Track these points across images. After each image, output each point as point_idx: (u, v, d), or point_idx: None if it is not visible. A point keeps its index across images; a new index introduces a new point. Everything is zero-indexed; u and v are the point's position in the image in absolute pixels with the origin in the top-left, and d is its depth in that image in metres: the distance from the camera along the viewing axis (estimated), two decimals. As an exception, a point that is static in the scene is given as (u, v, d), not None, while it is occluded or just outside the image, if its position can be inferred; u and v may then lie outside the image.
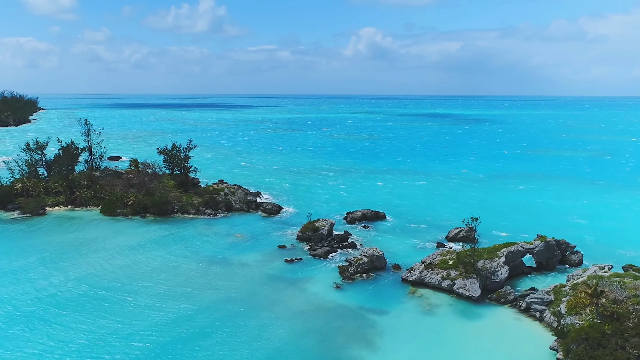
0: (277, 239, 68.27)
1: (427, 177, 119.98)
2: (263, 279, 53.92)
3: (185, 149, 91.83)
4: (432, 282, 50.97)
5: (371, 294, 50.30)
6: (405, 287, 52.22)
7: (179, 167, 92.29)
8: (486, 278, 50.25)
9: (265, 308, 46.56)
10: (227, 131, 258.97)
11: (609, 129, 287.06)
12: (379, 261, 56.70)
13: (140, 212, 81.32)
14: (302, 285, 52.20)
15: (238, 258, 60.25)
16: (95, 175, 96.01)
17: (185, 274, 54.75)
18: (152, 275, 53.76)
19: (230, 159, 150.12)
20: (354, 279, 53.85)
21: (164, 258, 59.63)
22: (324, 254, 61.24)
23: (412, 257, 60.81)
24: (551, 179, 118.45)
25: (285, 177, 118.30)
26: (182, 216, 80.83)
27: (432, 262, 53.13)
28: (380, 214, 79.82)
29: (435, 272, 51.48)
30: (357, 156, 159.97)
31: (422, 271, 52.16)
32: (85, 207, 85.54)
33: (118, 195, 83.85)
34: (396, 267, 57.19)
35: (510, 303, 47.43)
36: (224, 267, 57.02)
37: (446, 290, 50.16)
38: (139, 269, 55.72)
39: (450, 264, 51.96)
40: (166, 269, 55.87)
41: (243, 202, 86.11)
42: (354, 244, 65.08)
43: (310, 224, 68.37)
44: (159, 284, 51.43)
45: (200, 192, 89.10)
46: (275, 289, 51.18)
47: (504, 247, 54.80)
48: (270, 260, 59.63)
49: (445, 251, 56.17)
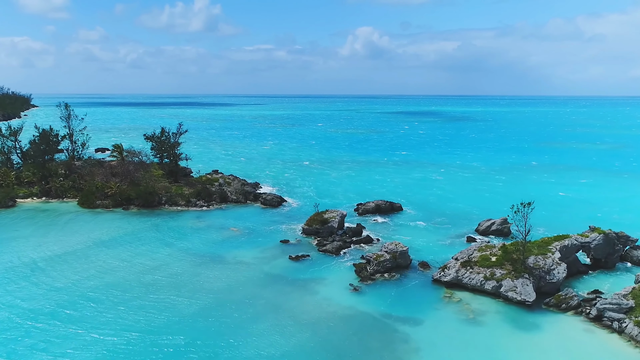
0: (279, 233, 58.66)
1: (438, 168, 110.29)
2: (263, 279, 44.28)
3: (175, 134, 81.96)
4: (472, 283, 41.35)
5: (397, 299, 40.68)
6: (438, 289, 42.60)
7: (168, 155, 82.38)
8: (540, 278, 40.66)
9: (266, 317, 36.93)
10: (224, 126, 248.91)
11: (616, 124, 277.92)
12: (403, 258, 47.06)
13: (122, 203, 71.57)
14: (311, 288, 42.56)
15: (233, 255, 50.59)
16: (76, 164, 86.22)
17: (169, 274, 44.98)
18: (125, 278, 43.99)
19: (226, 151, 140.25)
20: (373, 279, 44.24)
21: (143, 256, 49.86)
22: (336, 249, 51.61)
23: (439, 253, 51.33)
24: (575, 170, 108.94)
25: (285, 169, 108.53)
26: (171, 208, 71.06)
27: (470, 259, 43.52)
28: (396, 205, 70.22)
29: (476, 271, 41.87)
30: (361, 149, 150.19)
31: (458, 270, 42.53)
32: (62, 199, 75.78)
33: (98, 185, 74.02)
34: (424, 265, 47.53)
35: (573, 309, 37.83)
36: (217, 266, 47.33)
37: (490, 294, 40.57)
38: (112, 269, 45.94)
39: (493, 261, 42.36)
40: (145, 269, 46.09)
41: (240, 193, 76.40)
42: (370, 239, 55.42)
43: (318, 215, 58.75)
44: (133, 288, 41.62)
45: (192, 182, 79.34)
46: (278, 292, 41.53)
47: (555, 241, 45.21)
48: (271, 258, 50.01)
49: (484, 245, 46.54)
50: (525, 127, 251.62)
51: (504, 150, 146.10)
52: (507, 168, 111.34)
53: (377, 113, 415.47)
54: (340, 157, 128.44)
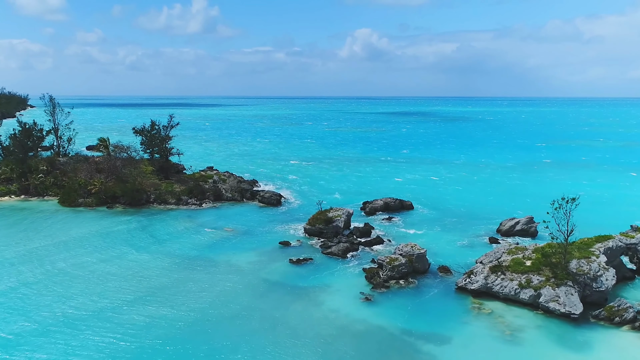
0: (278, 233, 52.60)
1: (446, 166, 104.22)
2: (260, 288, 38.20)
3: (166, 127, 75.81)
4: (504, 292, 35.27)
5: (417, 310, 34.58)
6: (464, 298, 36.52)
7: (159, 150, 76.19)
8: (584, 286, 34.59)
9: (263, 334, 30.85)
10: (222, 125, 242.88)
11: (621, 123, 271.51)
12: (420, 262, 40.99)
13: (107, 201, 65.54)
14: (315, 297, 36.48)
15: (226, 259, 44.51)
16: (60, 160, 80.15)
17: (149, 283, 38.86)
18: (94, 288, 37.84)
19: (223, 149, 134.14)
20: (387, 286, 38.16)
21: (121, 260, 43.75)
22: (342, 252, 45.54)
23: (459, 257, 45.30)
24: (591, 167, 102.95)
25: (285, 167, 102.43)
26: (160, 207, 64.97)
27: (500, 263, 37.44)
28: (407, 203, 64.16)
29: (508, 278, 35.78)
30: (363, 147, 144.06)
31: (487, 276, 36.44)
32: (43, 197, 69.75)
33: (81, 182, 67.94)
34: (444, 269, 41.45)
35: (629, 324, 31.76)
36: (206, 272, 41.24)
37: (527, 304, 34.49)
38: (78, 277, 39.71)
39: (528, 266, 36.28)
40: (122, 277, 39.95)
41: (236, 190, 70.31)
42: (381, 239, 49.30)
43: (321, 214, 52.67)
44: (102, 301, 35.40)
45: (184, 179, 73.23)
46: (277, 302, 35.45)
47: (597, 242, 39.14)
48: (269, 261, 43.95)
49: (514, 247, 40.46)
50: (530, 126, 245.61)
51: (513, 148, 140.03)
52: (520, 165, 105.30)
53: (377, 113, 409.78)
54: (342, 155, 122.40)
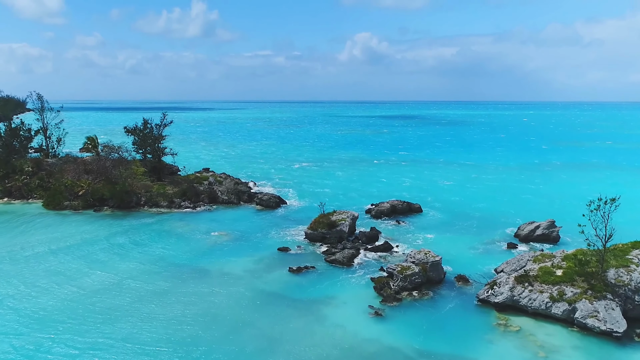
0: (276, 238, 48.37)
1: (454, 167, 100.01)
2: (255, 300, 33.96)
3: (159, 125, 71.67)
4: (533, 305, 31.00)
5: (434, 327, 30.30)
6: (486, 312, 32.25)
7: (151, 150, 72.02)
8: (625, 299, 30.34)
9: (259, 356, 26.61)
10: (221, 127, 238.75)
11: (626, 125, 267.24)
12: (435, 270, 36.75)
13: (94, 204, 61.37)
14: (318, 311, 32.23)
15: (219, 266, 40.29)
16: (48, 161, 76.06)
17: (132, 295, 34.62)
18: (69, 300, 33.64)
19: (221, 151, 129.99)
20: (399, 299, 33.91)
21: (103, 269, 39.51)
22: (347, 259, 41.32)
23: (475, 264, 41.05)
24: (604, 168, 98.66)
25: (285, 169, 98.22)
26: (150, 210, 60.78)
27: (526, 272, 33.17)
28: (415, 206, 59.94)
29: (538, 289, 31.53)
30: (365, 148, 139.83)
31: (513, 287, 32.17)
32: (27, 200, 65.63)
33: (67, 183, 63.78)
34: (462, 279, 37.20)
35: (681, 344, 27.54)
36: (196, 281, 37.01)
37: (560, 320, 30.24)
38: (50, 288, 35.53)
39: (559, 276, 32.03)
40: (100, 287, 35.73)
41: (232, 192, 66.12)
42: (389, 245, 45.04)
43: (324, 217, 48.43)
44: (76, 317, 31.22)
45: (178, 180, 69.03)
46: (275, 318, 31.20)
47: (635, 248, 34.90)
48: (266, 270, 39.72)
49: (539, 254, 36.22)
50: (534, 128, 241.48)
51: (520, 150, 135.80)
52: (529, 167, 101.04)
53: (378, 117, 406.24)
54: (344, 157, 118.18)
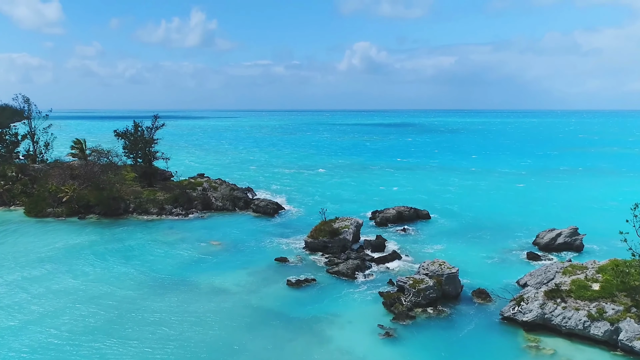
0: (274, 248, 44.36)
1: (460, 173, 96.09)
2: (248, 318, 29.90)
3: (150, 128, 67.81)
4: (568, 325, 26.96)
5: (455, 350, 26.23)
6: (512, 332, 28.19)
7: (142, 154, 67.99)
8: (675, 317, 26.32)
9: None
10: (220, 134, 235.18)
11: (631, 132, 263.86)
12: (451, 284, 32.72)
13: (79, 211, 57.41)
14: (320, 332, 28.18)
15: (209, 279, 36.25)
16: (35, 167, 72.28)
17: (109, 310, 30.56)
18: (39, 319, 29.58)
19: (218, 157, 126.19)
20: (412, 316, 29.85)
21: (83, 280, 35.50)
22: (351, 271, 37.30)
23: (493, 276, 37.09)
24: (616, 174, 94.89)
25: (284, 175, 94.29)
26: (139, 217, 56.82)
27: (558, 286, 29.16)
28: (422, 212, 56.02)
29: (572, 306, 27.51)
30: (367, 154, 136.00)
31: (544, 304, 28.14)
32: (9, 207, 61.74)
33: (52, 189, 59.84)
34: (481, 294, 33.13)
35: None
36: (183, 296, 32.96)
37: (601, 342, 26.21)
38: (27, 301, 31.52)
39: (596, 290, 28.04)
40: (75, 301, 31.68)
41: (227, 199, 62.16)
42: (398, 255, 41.03)
43: (325, 224, 44.44)
44: (40, 340, 27.17)
45: (170, 186, 65.10)
46: (271, 340, 27.13)
47: (676, 258, 30.89)
48: (262, 283, 35.67)
49: (569, 266, 32.20)
50: (536, 135, 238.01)
51: (525, 156, 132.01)
52: (538, 172, 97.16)
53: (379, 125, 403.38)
54: (344, 163, 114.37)
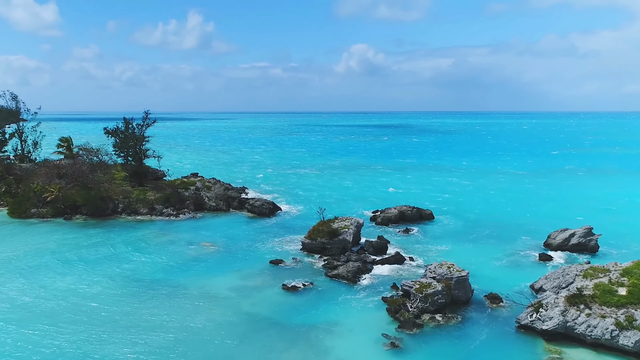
0: (269, 249, 41.71)
1: (463, 173, 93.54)
2: (240, 325, 27.22)
3: (141, 125, 65.04)
4: (594, 334, 24.37)
5: (468, 362, 23.63)
6: (530, 341, 25.58)
7: (133, 153, 65.19)
8: None
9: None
10: (217, 135, 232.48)
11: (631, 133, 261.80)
12: (461, 288, 30.09)
13: (65, 212, 54.67)
14: (318, 342, 25.51)
15: (200, 283, 33.57)
16: (22, 166, 69.49)
17: (91, 317, 27.85)
18: (18, 321, 26.87)
19: (213, 156, 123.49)
20: (420, 324, 27.21)
21: (65, 284, 32.77)
22: (352, 274, 34.65)
23: (504, 279, 34.57)
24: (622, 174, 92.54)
25: (280, 174, 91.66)
26: (128, 218, 54.11)
27: (580, 290, 26.56)
28: (426, 212, 53.42)
29: (598, 313, 24.91)
30: (366, 155, 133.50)
31: (565, 310, 25.53)
32: (-8, 208, 58.93)
33: (36, 188, 57.08)
34: (494, 299, 30.51)
35: None
36: (171, 302, 30.27)
37: (631, 353, 23.60)
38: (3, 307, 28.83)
39: (623, 296, 25.44)
40: (59, 307, 28.96)
41: (221, 198, 59.52)
42: (401, 257, 38.40)
43: (324, 224, 41.79)
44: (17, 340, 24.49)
45: (161, 186, 62.41)
46: (264, 350, 24.45)
47: None
48: (256, 287, 33.00)
49: (589, 268, 29.59)
50: (537, 135, 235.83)
51: (528, 155, 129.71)
52: (542, 172, 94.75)
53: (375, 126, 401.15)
54: (342, 163, 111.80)
